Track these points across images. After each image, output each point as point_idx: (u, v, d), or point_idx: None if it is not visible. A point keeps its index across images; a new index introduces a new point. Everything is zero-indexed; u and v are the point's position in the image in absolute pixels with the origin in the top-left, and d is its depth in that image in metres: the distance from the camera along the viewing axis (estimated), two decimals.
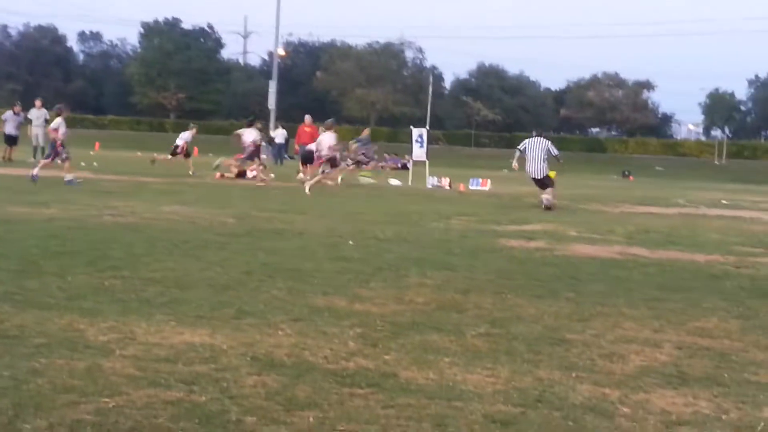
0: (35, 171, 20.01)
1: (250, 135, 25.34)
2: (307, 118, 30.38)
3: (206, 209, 15.09)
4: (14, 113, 30.21)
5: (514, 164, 20.98)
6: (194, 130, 30.65)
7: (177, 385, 4.79)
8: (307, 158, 26.10)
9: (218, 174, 26.61)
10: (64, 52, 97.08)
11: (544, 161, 20.14)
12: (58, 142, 20.49)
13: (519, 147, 20.85)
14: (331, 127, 24.18)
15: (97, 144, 51.37)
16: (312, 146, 25.38)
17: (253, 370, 5.15)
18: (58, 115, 21.25)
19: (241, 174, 26.78)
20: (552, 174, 20.71)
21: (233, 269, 8.73)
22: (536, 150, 20.22)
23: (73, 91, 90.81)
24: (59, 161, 20.63)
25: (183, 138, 29.61)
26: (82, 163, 29.45)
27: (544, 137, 20.99)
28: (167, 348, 5.56)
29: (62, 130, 20.73)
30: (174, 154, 29.61)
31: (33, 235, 10.50)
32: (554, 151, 20.40)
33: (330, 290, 7.86)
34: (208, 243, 10.64)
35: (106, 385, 4.72)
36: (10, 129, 29.76)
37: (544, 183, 20.23)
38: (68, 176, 20.04)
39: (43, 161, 21.28)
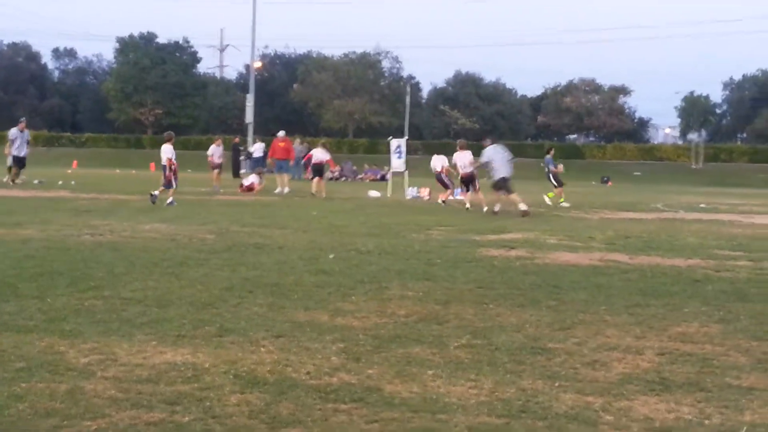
0: (168, 197, 20.78)
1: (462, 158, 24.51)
2: (281, 133, 31.60)
3: (186, 226, 15.03)
4: (20, 130, 28.81)
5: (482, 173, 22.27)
6: (217, 141, 30.28)
7: (159, 406, 4.77)
8: (318, 171, 27.93)
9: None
10: (38, 69, 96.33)
11: (509, 164, 21.56)
12: (174, 168, 21.42)
13: (484, 160, 21.74)
14: (465, 146, 24.12)
15: (74, 162, 51.09)
16: (319, 159, 26.77)
17: (236, 389, 5.13)
18: (169, 140, 22.07)
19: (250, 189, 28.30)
20: None
21: (214, 286, 8.70)
22: (504, 155, 21.67)
23: (48, 108, 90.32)
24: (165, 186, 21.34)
25: (209, 154, 29.50)
26: (60, 182, 29.32)
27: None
28: (149, 368, 5.53)
29: (173, 156, 21.77)
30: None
31: (9, 256, 10.42)
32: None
33: (311, 304, 7.85)
34: (189, 260, 10.60)
35: (88, 408, 4.70)
36: (19, 150, 28.47)
37: (509, 185, 21.27)
38: (170, 198, 20.77)
39: (162, 188, 21.43)
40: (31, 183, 28.54)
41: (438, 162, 25.23)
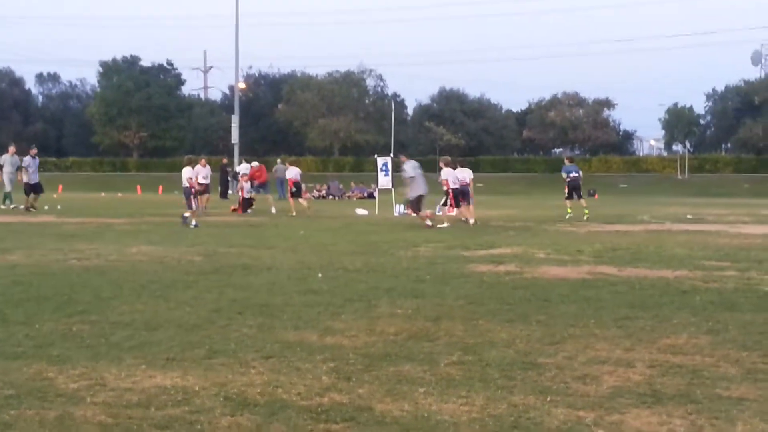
0: (191, 219, 21.09)
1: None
2: (254, 163, 32.61)
3: (173, 248, 14.98)
4: (32, 157, 28.67)
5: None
6: (202, 162, 29.95)
7: (150, 431, 4.74)
8: (300, 189, 28.95)
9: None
10: (22, 94, 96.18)
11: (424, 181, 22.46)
12: (194, 190, 21.94)
13: (411, 174, 22.24)
14: (450, 163, 24.17)
15: (60, 186, 50.90)
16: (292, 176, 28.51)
17: (226, 411, 5.11)
18: (189, 164, 22.51)
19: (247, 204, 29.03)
20: None
21: (202, 308, 8.67)
22: (420, 171, 22.46)
23: (33, 133, 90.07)
24: (194, 206, 21.86)
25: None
26: (46, 207, 29.19)
27: None
28: (139, 393, 5.50)
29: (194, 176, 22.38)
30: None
31: None
32: None
33: (301, 324, 7.83)
34: (176, 282, 10.57)
35: None
36: (31, 176, 28.23)
37: (423, 204, 22.24)
38: (187, 213, 21.39)
39: (193, 210, 21.86)
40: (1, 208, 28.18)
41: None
